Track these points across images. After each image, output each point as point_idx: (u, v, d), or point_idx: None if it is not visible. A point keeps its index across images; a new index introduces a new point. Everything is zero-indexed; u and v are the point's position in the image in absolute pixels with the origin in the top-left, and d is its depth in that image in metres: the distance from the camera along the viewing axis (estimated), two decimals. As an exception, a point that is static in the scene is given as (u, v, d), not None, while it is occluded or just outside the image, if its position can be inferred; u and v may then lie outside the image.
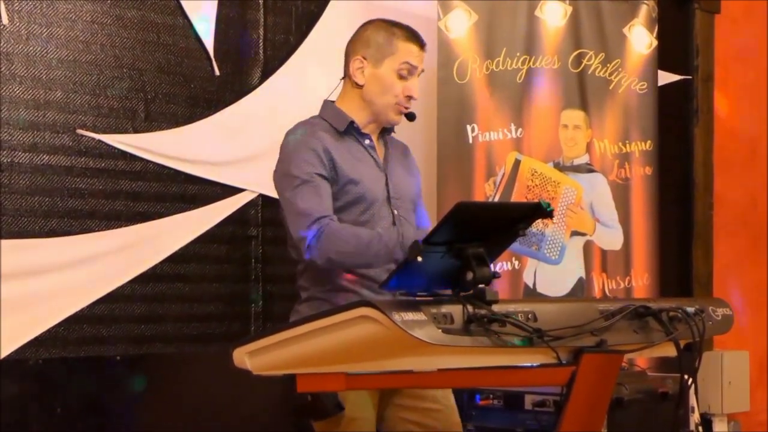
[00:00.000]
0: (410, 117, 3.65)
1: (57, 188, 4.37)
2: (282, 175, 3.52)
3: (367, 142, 3.60)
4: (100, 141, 4.47)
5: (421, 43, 3.60)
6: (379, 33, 3.60)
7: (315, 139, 3.50)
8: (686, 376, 3.04)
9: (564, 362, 2.79)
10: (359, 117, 3.59)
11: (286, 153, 3.53)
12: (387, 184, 3.58)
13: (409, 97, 3.57)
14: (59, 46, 4.39)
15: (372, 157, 3.59)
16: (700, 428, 5.12)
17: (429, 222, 3.75)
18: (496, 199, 5.29)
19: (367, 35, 3.62)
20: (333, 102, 3.65)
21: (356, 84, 3.60)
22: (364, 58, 3.58)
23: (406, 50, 3.56)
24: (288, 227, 3.48)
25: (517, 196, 5.36)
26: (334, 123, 3.57)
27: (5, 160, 4.24)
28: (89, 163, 4.45)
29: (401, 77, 3.56)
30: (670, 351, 2.98)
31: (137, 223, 4.57)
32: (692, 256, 6.93)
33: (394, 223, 3.55)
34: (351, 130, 3.58)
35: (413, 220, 3.65)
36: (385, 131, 3.68)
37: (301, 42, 5.10)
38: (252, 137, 4.84)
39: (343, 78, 3.65)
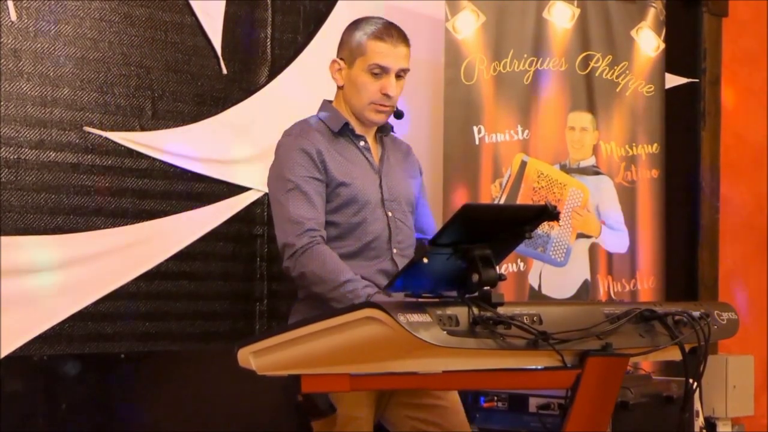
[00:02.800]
0: (397, 115, 3.64)
1: (63, 185, 4.37)
2: (275, 177, 3.54)
3: (361, 143, 3.60)
4: (106, 138, 4.48)
5: (395, 41, 3.54)
6: (352, 34, 3.59)
7: (307, 141, 3.50)
8: (691, 380, 3.03)
9: (569, 365, 2.79)
10: (350, 118, 3.60)
11: (280, 154, 3.55)
12: (381, 186, 3.57)
13: (386, 95, 3.54)
14: (67, 44, 4.39)
15: (366, 158, 3.59)
16: (704, 432, 5.11)
17: (432, 221, 3.75)
18: (502, 201, 5.29)
19: (344, 36, 3.63)
20: (330, 102, 3.66)
21: (338, 86, 3.61)
22: (342, 60, 3.59)
23: (374, 50, 3.52)
24: (276, 230, 3.49)
25: (523, 198, 5.35)
26: (330, 123, 3.58)
27: (12, 157, 4.24)
28: (96, 160, 4.46)
29: (374, 75, 3.53)
30: (675, 355, 2.98)
31: (143, 220, 4.57)
32: (698, 259, 6.93)
33: (388, 226, 3.55)
34: (346, 132, 3.59)
35: (410, 222, 3.64)
36: (383, 132, 3.68)
37: (308, 41, 5.11)
38: (259, 136, 4.84)
39: None
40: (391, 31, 3.55)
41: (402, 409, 3.52)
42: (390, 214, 3.57)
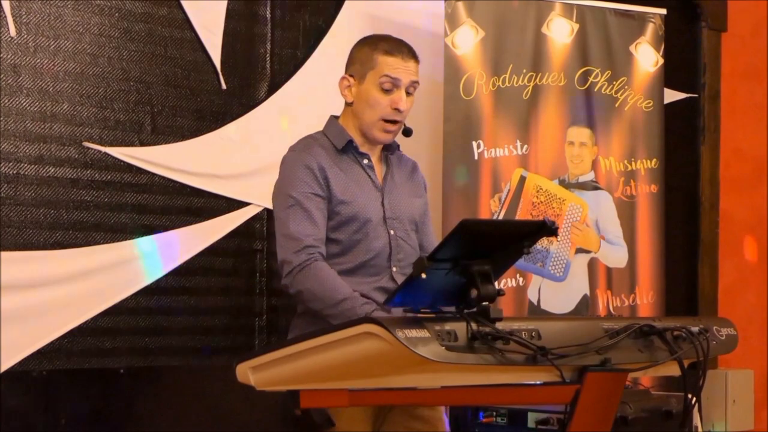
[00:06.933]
0: (406, 133, 3.66)
1: (62, 200, 4.38)
2: (278, 192, 3.55)
3: (365, 161, 3.60)
4: (106, 153, 4.48)
5: (405, 56, 3.56)
6: (362, 49, 3.61)
7: (311, 156, 3.51)
8: (690, 395, 3.03)
9: (568, 381, 2.79)
10: (356, 135, 3.60)
11: (283, 170, 3.56)
12: (383, 204, 3.58)
13: (397, 110, 3.55)
14: (66, 59, 4.40)
15: (369, 176, 3.59)
16: (704, 447, 5.11)
17: (434, 240, 3.74)
18: (501, 216, 5.29)
19: (353, 53, 3.64)
20: (337, 118, 3.66)
21: (347, 102, 3.62)
22: (351, 76, 3.60)
23: (386, 63, 3.54)
24: (276, 246, 3.49)
25: (522, 213, 5.36)
26: (335, 140, 3.59)
27: (11, 172, 4.25)
28: (95, 175, 4.46)
29: (385, 91, 3.54)
30: (674, 370, 2.98)
31: (143, 235, 4.57)
32: (698, 274, 6.92)
33: (389, 243, 3.55)
34: (350, 149, 3.59)
35: (413, 240, 3.64)
36: (388, 150, 3.68)
37: (308, 57, 5.12)
38: (258, 151, 4.85)
39: None
40: (401, 47, 3.58)
41: (398, 424, 3.52)
42: (392, 232, 3.56)
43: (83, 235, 4.42)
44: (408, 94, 3.58)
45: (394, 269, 3.54)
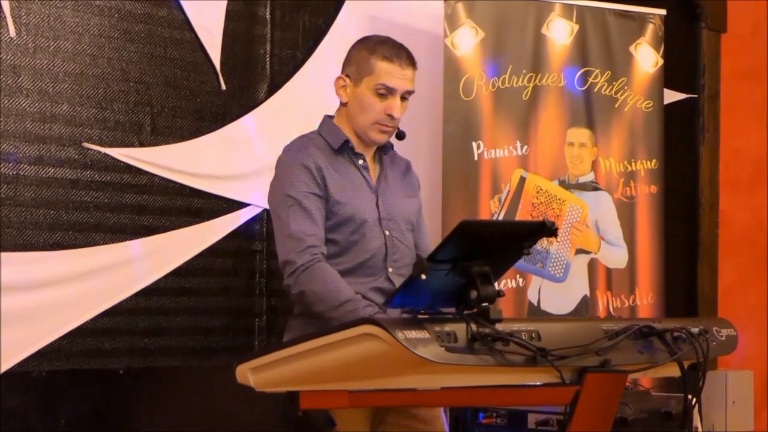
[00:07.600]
0: (399, 136, 3.65)
1: (62, 201, 4.37)
2: (276, 192, 3.54)
3: (360, 162, 3.60)
4: (105, 154, 4.48)
5: (404, 64, 3.55)
6: (361, 52, 3.59)
7: (308, 156, 3.51)
8: (690, 396, 3.03)
9: (567, 382, 2.79)
10: (351, 135, 3.60)
11: (280, 170, 3.56)
12: (378, 205, 3.57)
13: (390, 117, 3.54)
14: (66, 60, 4.40)
15: (364, 177, 3.59)
16: (704, 448, 5.10)
17: (428, 240, 3.75)
18: (501, 216, 5.29)
19: (352, 53, 3.63)
20: (332, 118, 3.66)
21: (342, 102, 3.61)
22: (348, 77, 3.59)
23: (383, 70, 3.53)
24: (277, 246, 3.49)
25: (522, 214, 5.36)
26: (330, 140, 3.58)
27: (10, 173, 4.24)
28: (95, 176, 4.46)
29: (380, 96, 3.53)
30: (674, 371, 2.98)
31: (142, 236, 4.57)
32: (697, 274, 6.92)
33: (385, 244, 3.54)
34: (346, 149, 3.59)
35: (409, 240, 3.64)
36: (382, 150, 3.68)
37: (308, 57, 5.12)
38: (258, 152, 4.85)
39: None
40: (400, 53, 3.57)
41: (396, 425, 3.52)
42: (387, 233, 3.56)
43: (83, 236, 4.42)
44: (403, 99, 3.58)
45: (390, 270, 3.54)
